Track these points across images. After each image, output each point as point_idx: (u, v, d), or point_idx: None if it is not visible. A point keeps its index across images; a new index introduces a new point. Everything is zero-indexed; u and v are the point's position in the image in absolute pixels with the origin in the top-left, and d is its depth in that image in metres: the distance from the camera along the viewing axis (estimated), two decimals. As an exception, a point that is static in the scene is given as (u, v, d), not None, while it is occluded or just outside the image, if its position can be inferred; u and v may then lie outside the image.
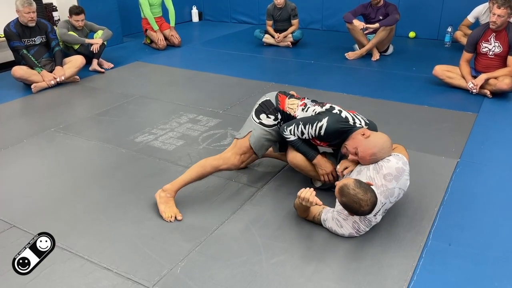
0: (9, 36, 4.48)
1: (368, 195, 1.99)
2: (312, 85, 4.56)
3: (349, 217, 2.17)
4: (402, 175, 2.18)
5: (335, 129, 2.35)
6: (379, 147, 2.22)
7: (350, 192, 1.99)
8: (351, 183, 2.02)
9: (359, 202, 1.98)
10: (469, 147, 3.17)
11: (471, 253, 2.13)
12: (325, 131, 2.35)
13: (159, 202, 2.47)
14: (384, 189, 2.14)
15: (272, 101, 2.57)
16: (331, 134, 2.36)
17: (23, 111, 4.25)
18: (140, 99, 4.32)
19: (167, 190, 2.47)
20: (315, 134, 2.38)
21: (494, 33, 4.06)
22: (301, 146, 2.48)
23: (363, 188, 2.00)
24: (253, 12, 7.79)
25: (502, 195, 2.60)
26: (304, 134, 2.41)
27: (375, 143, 2.23)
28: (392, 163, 2.19)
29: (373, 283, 1.95)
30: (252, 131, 2.54)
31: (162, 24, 6.35)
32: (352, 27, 5.39)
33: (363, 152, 2.23)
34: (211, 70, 5.20)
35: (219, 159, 2.53)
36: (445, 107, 3.90)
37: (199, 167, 2.51)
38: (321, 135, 2.37)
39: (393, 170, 2.16)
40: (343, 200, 2.02)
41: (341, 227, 2.20)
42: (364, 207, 1.99)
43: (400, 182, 2.18)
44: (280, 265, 2.07)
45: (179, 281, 1.99)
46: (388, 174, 2.15)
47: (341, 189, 2.03)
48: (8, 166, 3.09)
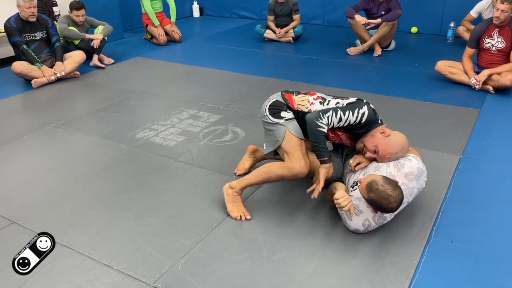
0: (9, 31, 4.46)
1: (397, 191, 1.98)
2: (313, 81, 4.54)
3: (361, 214, 2.15)
4: (422, 175, 2.18)
5: (372, 119, 2.27)
6: (400, 147, 2.21)
7: (379, 188, 1.97)
8: (380, 179, 1.99)
9: (388, 199, 1.96)
10: (471, 143, 3.15)
11: (473, 250, 2.12)
12: (366, 118, 2.24)
13: (227, 200, 2.43)
14: (405, 188, 2.12)
15: (281, 100, 2.45)
16: (367, 123, 2.27)
17: (23, 106, 4.24)
18: (141, 94, 4.30)
19: (235, 188, 2.42)
20: (355, 120, 2.24)
21: (497, 29, 4.03)
22: (323, 142, 2.27)
23: (392, 184, 1.98)
24: (255, 7, 7.75)
25: (504, 192, 2.58)
26: (341, 121, 2.25)
27: (396, 142, 2.21)
28: (414, 162, 2.18)
29: (375, 280, 1.94)
30: (287, 129, 2.34)
31: (163, 19, 6.33)
32: (354, 22, 5.36)
33: (384, 151, 2.21)
34: (212, 65, 5.18)
35: (284, 167, 2.33)
36: (448, 103, 3.88)
37: (264, 174, 2.38)
38: (361, 123, 2.26)
39: (415, 169, 2.15)
40: (371, 196, 2.00)
41: (350, 220, 2.19)
42: (393, 204, 1.98)
43: (420, 183, 2.18)
44: (281, 262, 2.06)
45: (180, 278, 1.98)
46: (409, 173, 2.14)
47: (369, 185, 2.00)
48: (8, 162, 3.08)
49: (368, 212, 2.12)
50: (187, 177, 2.80)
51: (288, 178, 2.37)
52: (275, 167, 2.36)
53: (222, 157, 2.98)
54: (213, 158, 3.02)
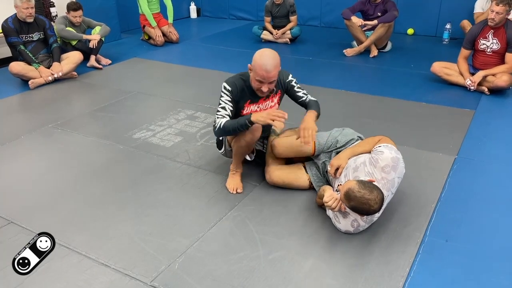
0: (7, 31, 4.46)
1: (375, 193, 1.99)
2: (310, 82, 4.54)
3: (349, 216, 2.17)
4: (398, 164, 2.18)
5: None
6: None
7: (356, 195, 1.98)
8: (355, 186, 2.00)
9: (368, 203, 1.97)
10: (466, 143, 3.17)
11: (468, 249, 2.14)
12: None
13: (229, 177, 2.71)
14: (385, 181, 2.14)
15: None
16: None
17: (21, 107, 4.24)
18: (138, 95, 4.31)
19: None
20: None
21: (492, 30, 4.06)
22: (230, 124, 2.37)
23: (368, 188, 1.99)
24: (252, 9, 7.77)
25: (499, 192, 2.61)
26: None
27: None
28: (386, 154, 2.17)
29: (370, 279, 1.96)
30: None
31: (160, 20, 6.33)
32: (350, 23, 5.39)
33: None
34: (209, 66, 5.19)
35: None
36: (443, 104, 3.90)
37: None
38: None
39: (389, 161, 2.15)
40: (351, 205, 2.01)
41: (339, 222, 2.21)
42: (374, 206, 1.99)
43: (398, 171, 2.18)
44: (278, 261, 2.07)
45: (177, 277, 1.99)
46: (385, 166, 2.14)
47: (346, 194, 2.01)
48: (6, 162, 3.08)
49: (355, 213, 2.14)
50: (184, 177, 2.81)
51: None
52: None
53: (219, 158, 2.99)
54: (210, 159, 3.03)
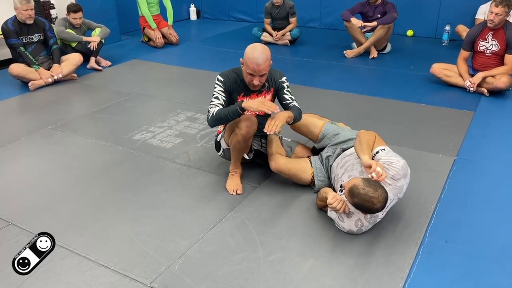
0: (6, 33, 4.47)
1: (379, 192, 1.99)
2: (310, 83, 4.56)
3: (353, 215, 2.17)
4: (407, 172, 2.18)
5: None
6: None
7: (360, 192, 1.98)
8: (360, 183, 2.00)
9: (371, 201, 1.97)
10: (466, 145, 3.18)
11: (467, 250, 2.14)
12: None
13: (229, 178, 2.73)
14: (393, 186, 2.14)
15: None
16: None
17: (21, 109, 4.24)
18: (138, 97, 4.31)
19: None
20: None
21: (492, 32, 4.07)
22: (222, 111, 2.38)
23: (373, 186, 1.99)
24: (251, 10, 7.78)
25: (498, 193, 2.61)
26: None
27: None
28: (396, 164, 2.15)
29: (370, 280, 1.96)
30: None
31: (160, 22, 6.34)
32: (350, 25, 5.40)
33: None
34: (209, 68, 5.19)
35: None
36: (443, 105, 3.91)
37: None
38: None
39: (400, 170, 2.14)
40: (355, 201, 2.01)
41: (342, 221, 2.21)
42: (377, 204, 1.99)
43: (407, 179, 2.19)
44: (278, 262, 2.07)
45: (177, 278, 1.99)
46: (396, 174, 2.14)
47: (350, 190, 2.01)
48: (5, 164, 3.08)
49: (359, 212, 2.13)
50: (184, 178, 2.81)
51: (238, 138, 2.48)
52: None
53: (219, 159, 2.99)
54: (210, 160, 3.03)
